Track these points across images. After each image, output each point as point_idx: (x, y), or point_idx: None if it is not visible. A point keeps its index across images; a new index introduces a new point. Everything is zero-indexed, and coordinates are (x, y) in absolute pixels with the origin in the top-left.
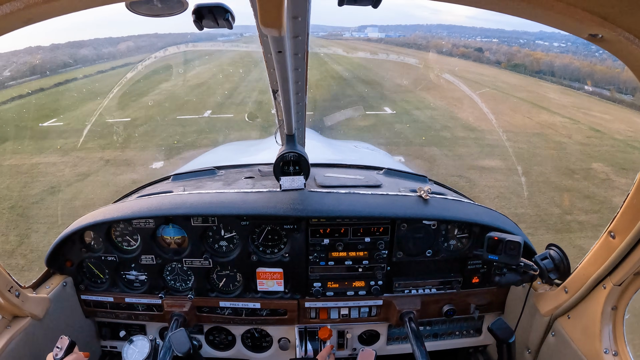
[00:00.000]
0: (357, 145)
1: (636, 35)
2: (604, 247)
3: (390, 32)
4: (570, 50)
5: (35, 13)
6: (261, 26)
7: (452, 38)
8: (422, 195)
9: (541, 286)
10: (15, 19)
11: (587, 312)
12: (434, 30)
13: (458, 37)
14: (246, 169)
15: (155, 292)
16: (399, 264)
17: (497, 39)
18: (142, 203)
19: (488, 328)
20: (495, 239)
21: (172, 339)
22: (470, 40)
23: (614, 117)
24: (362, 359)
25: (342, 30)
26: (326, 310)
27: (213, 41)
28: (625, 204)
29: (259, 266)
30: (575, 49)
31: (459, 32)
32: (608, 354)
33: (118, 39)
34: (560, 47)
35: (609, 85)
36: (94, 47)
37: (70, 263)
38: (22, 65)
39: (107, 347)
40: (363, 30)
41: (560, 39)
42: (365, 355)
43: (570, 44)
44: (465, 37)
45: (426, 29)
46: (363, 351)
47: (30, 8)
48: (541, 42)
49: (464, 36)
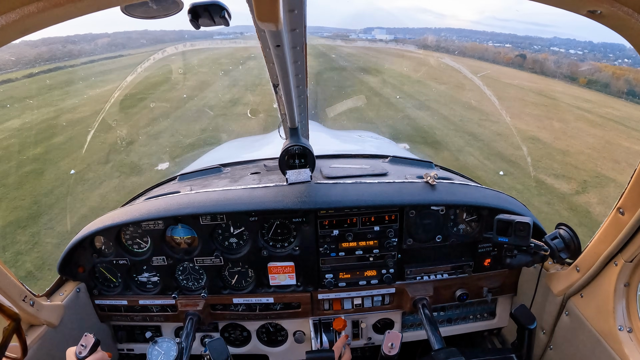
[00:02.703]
0: (361, 135)
1: (634, 9)
2: (614, 224)
3: (399, 34)
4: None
5: (31, 23)
6: (258, 21)
7: (462, 42)
8: (429, 181)
9: (552, 266)
10: (11, 30)
11: (600, 290)
12: (443, 33)
13: (468, 41)
14: (252, 165)
15: (168, 293)
16: (410, 251)
17: (511, 44)
18: (150, 205)
19: (511, 314)
20: (505, 220)
21: (210, 348)
22: (488, 45)
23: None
24: (389, 341)
25: (348, 32)
26: (339, 301)
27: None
28: (632, 180)
29: (269, 261)
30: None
31: (468, 35)
32: (623, 330)
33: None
34: (577, 54)
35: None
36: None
37: (82, 269)
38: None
39: (124, 350)
40: (370, 32)
41: (576, 46)
42: (391, 337)
43: (587, 51)
44: (477, 41)
45: (435, 32)
46: (389, 333)
47: (25, 19)
48: (556, 48)
49: (476, 40)
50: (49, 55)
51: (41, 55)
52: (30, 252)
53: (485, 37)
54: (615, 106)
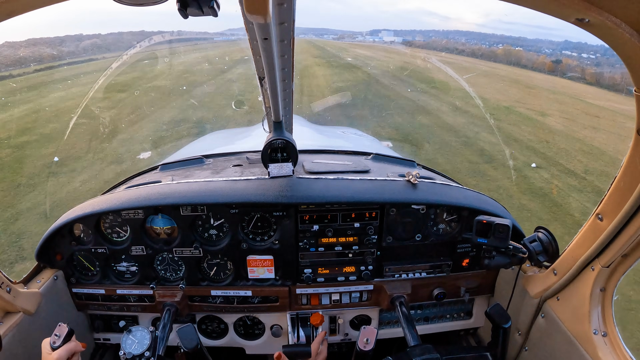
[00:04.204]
0: (344, 131)
1: (622, 19)
2: (592, 230)
3: (407, 37)
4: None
5: (18, 5)
6: (247, 13)
7: (471, 45)
8: (411, 179)
9: (530, 268)
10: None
11: (576, 293)
12: (450, 35)
13: (478, 44)
14: (234, 157)
15: (146, 283)
16: (389, 248)
17: (522, 47)
18: (130, 194)
19: (486, 312)
20: (484, 222)
21: (180, 334)
22: (502, 48)
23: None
24: (364, 336)
25: (354, 34)
26: (317, 296)
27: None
28: (612, 186)
29: (249, 254)
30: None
31: (477, 38)
32: (597, 334)
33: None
34: (589, 58)
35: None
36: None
37: (61, 256)
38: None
39: (100, 339)
40: (377, 34)
41: (588, 50)
42: (367, 333)
43: (599, 55)
44: (486, 45)
45: (442, 34)
46: (365, 329)
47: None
48: (568, 52)
49: (485, 43)
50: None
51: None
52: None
53: (495, 40)
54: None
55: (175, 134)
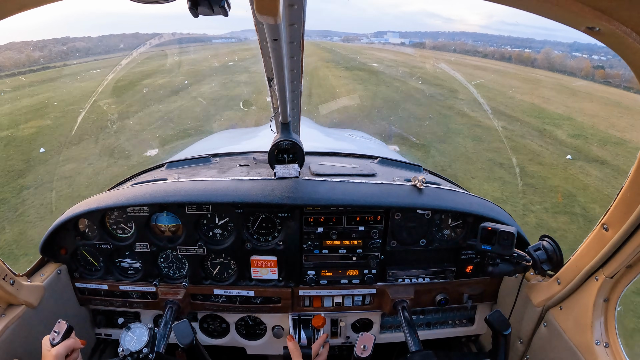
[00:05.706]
0: (352, 134)
1: (632, 29)
2: (597, 240)
3: (414, 38)
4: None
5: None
6: (257, 13)
7: (479, 46)
8: (417, 184)
9: (534, 277)
10: (9, 4)
11: (579, 303)
12: (457, 37)
13: (485, 45)
14: (241, 157)
15: (149, 280)
16: (393, 253)
17: (529, 49)
18: (136, 191)
19: (485, 319)
20: (489, 229)
21: (175, 330)
22: (513, 50)
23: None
24: (362, 343)
25: (358, 36)
26: (320, 299)
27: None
28: (618, 197)
29: (253, 254)
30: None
31: (483, 39)
32: (599, 345)
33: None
34: (600, 60)
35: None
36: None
37: (65, 251)
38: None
39: (101, 334)
40: (382, 35)
41: (598, 51)
42: (364, 340)
43: (610, 57)
44: (493, 46)
45: (449, 36)
46: (362, 335)
47: None
48: (578, 54)
49: (492, 44)
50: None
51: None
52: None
53: (503, 42)
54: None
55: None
